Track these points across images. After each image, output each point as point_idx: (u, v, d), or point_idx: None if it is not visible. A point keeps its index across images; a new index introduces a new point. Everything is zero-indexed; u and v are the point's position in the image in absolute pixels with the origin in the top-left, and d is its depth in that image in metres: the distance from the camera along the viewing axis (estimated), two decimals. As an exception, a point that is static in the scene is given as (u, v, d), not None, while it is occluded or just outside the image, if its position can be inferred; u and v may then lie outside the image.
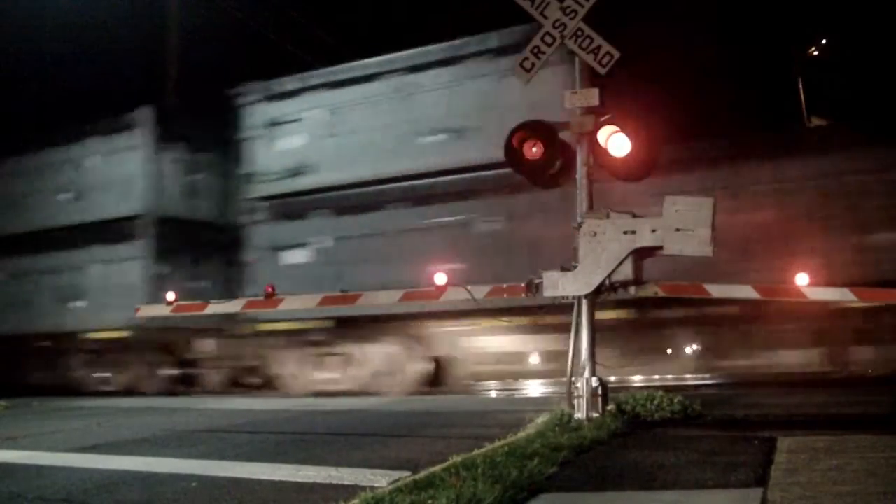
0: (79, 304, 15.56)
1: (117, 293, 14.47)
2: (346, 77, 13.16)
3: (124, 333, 14.71)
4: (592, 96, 7.02)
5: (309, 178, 13.22)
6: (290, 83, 13.64)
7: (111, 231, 15.28)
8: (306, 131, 13.37)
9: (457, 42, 12.28)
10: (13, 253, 16.80)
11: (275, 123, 13.61)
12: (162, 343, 15.08)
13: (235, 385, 14.74)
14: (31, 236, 16.42)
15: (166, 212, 15.14)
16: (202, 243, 15.39)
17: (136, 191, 15.11)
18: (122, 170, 15.36)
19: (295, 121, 13.43)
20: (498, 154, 7.47)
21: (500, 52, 11.69)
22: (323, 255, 12.95)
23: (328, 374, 13.09)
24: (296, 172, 13.30)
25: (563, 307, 7.22)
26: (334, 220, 13.05)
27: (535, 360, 14.02)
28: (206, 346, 14.86)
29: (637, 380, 12.50)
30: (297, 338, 13.10)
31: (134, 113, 15.37)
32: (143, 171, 15.12)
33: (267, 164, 13.63)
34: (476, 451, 5.20)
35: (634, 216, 6.84)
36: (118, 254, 15.19)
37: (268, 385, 13.89)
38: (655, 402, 7.17)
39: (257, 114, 13.78)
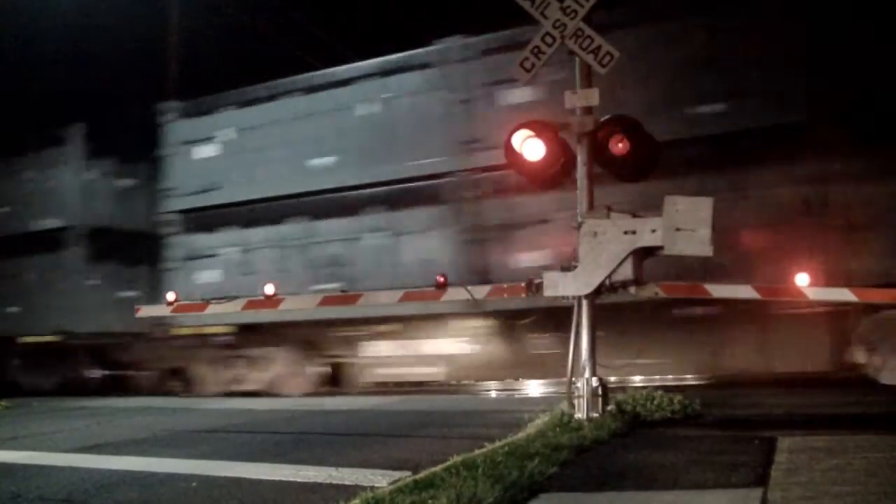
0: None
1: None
2: (253, 97, 13.74)
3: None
4: (592, 96, 7.02)
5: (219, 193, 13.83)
6: (204, 102, 14.22)
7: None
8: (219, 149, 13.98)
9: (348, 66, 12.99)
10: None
11: (189, 142, 14.20)
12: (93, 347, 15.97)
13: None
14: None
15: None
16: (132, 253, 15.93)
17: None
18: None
19: (208, 139, 14.00)
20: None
21: (386, 73, 12.41)
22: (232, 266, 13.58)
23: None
24: (207, 189, 13.96)
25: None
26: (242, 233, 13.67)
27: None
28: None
29: (637, 380, 12.49)
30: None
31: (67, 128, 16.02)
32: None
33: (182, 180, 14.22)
34: (476, 451, 5.20)
35: (634, 216, 6.84)
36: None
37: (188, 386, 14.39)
38: (655, 402, 7.18)
39: (176, 131, 14.35)
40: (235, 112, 13.81)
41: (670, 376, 11.31)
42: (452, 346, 12.27)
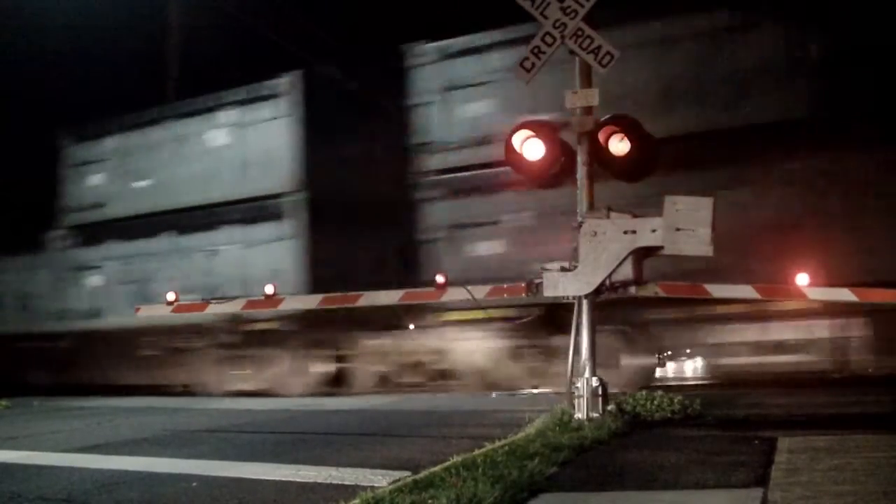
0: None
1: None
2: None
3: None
4: (592, 96, 7.02)
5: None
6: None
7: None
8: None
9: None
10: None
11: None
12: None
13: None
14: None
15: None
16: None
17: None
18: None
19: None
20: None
21: None
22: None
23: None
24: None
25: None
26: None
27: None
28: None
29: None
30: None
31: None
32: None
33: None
34: (476, 451, 5.20)
35: (634, 216, 6.84)
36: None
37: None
38: (655, 402, 7.18)
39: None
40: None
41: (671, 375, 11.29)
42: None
